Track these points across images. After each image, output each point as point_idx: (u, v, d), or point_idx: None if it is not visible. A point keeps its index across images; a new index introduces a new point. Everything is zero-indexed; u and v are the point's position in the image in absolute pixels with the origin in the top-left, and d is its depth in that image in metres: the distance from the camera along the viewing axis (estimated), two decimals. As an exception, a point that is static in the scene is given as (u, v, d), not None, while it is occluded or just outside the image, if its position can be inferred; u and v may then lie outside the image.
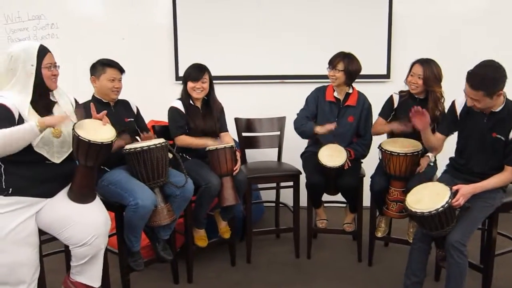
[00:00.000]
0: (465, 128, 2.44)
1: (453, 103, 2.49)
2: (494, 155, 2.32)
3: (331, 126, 2.86)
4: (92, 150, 2.02)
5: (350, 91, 3.05)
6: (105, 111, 2.19)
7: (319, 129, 2.90)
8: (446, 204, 2.17)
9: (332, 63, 2.95)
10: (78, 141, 2.01)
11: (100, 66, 2.58)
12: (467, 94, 2.24)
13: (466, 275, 2.26)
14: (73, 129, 2.02)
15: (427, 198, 2.26)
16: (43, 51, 2.04)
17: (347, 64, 2.92)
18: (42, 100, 2.07)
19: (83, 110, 2.20)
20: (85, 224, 2.07)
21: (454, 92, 2.51)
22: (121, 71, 2.62)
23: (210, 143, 2.79)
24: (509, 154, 2.26)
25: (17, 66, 1.99)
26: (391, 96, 2.98)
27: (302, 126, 2.99)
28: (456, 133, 2.54)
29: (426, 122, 2.46)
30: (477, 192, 2.26)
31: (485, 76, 2.16)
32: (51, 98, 2.13)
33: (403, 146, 2.73)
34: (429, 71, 2.74)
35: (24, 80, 1.99)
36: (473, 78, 2.19)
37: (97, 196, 2.22)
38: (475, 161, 2.38)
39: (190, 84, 2.86)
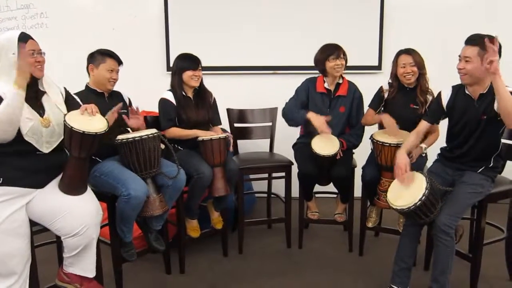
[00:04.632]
0: (454, 118, 2.46)
1: (439, 94, 2.53)
2: (489, 136, 2.33)
3: (325, 119, 2.88)
4: (85, 141, 2.01)
5: (341, 81, 3.06)
6: (92, 104, 2.17)
7: (312, 116, 2.90)
8: (423, 197, 2.21)
9: (335, 53, 2.95)
10: (71, 133, 1.99)
11: (100, 56, 2.57)
12: (461, 56, 2.28)
13: (453, 258, 2.31)
14: (65, 120, 2.00)
15: (406, 192, 2.30)
16: (23, 39, 2.01)
17: (344, 52, 2.98)
18: (31, 89, 2.03)
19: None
20: (76, 214, 2.06)
21: (446, 84, 2.53)
22: (120, 62, 2.62)
23: (200, 133, 2.80)
24: None
25: (1, 56, 1.97)
26: (381, 88, 3.00)
27: (293, 113, 3.00)
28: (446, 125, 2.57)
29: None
30: (497, 81, 2.13)
31: (482, 36, 2.23)
32: (40, 88, 2.10)
33: (394, 136, 2.75)
34: (418, 56, 2.80)
35: (8, 70, 1.96)
36: (470, 36, 2.28)
37: (88, 187, 2.21)
38: (469, 147, 2.40)
39: (189, 73, 2.85)
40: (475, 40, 2.23)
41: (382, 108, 2.98)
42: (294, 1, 3.99)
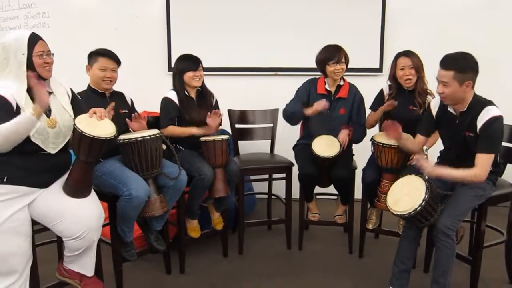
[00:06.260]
0: (442, 129, 2.49)
1: (428, 105, 2.54)
2: (471, 151, 2.31)
3: (321, 105, 2.87)
4: (95, 146, 2.02)
5: (341, 83, 3.07)
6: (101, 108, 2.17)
7: (308, 111, 2.91)
8: (423, 202, 2.22)
9: (336, 58, 2.93)
10: (80, 137, 1.99)
11: (94, 55, 2.57)
12: (438, 78, 2.28)
13: (454, 261, 2.31)
14: (75, 124, 2.01)
15: (406, 196, 2.31)
16: (33, 39, 2.01)
17: (346, 54, 2.97)
18: None
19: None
20: (78, 218, 2.06)
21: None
22: (116, 61, 2.60)
23: (194, 131, 2.81)
24: (479, 144, 2.24)
25: (9, 55, 1.97)
26: (381, 90, 3.02)
27: (291, 108, 3.00)
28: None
29: (398, 132, 2.53)
30: (443, 177, 2.28)
31: (455, 57, 2.23)
32: (47, 88, 2.10)
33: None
34: (416, 59, 2.81)
35: (16, 69, 1.97)
36: (444, 59, 2.26)
37: (92, 190, 2.21)
38: (457, 161, 2.38)
39: (190, 74, 2.86)
40: (449, 64, 2.21)
41: None
42: (295, 2, 4.00)
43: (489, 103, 2.27)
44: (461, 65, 2.20)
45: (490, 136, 2.21)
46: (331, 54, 2.95)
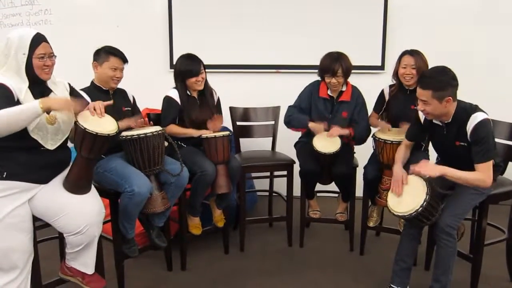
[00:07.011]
0: (431, 139, 2.50)
1: (416, 112, 2.51)
2: (466, 160, 2.30)
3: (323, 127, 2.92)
4: (98, 143, 2.02)
5: (344, 88, 3.05)
6: (103, 102, 2.16)
7: (312, 125, 2.94)
8: (425, 203, 2.21)
9: (331, 71, 2.89)
10: (83, 134, 1.99)
11: (105, 54, 2.57)
12: (418, 96, 2.27)
13: (455, 260, 2.31)
14: (77, 121, 2.01)
15: (407, 197, 2.30)
16: (37, 40, 1.99)
17: (343, 66, 2.90)
18: (38, 87, 2.04)
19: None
20: (78, 213, 2.07)
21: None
22: (124, 61, 2.61)
23: (194, 133, 2.82)
24: (475, 154, 2.24)
25: (10, 52, 1.96)
26: (382, 91, 3.02)
27: (295, 114, 3.01)
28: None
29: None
30: (445, 176, 2.23)
31: (432, 75, 2.22)
32: (47, 85, 2.11)
33: (396, 134, 2.76)
34: (420, 60, 2.79)
35: (15, 67, 1.96)
36: (422, 78, 2.27)
37: (92, 185, 2.21)
38: (458, 166, 2.34)
39: (192, 80, 2.85)
40: (426, 83, 2.21)
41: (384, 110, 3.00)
42: (297, 0, 3.99)
43: (475, 109, 2.25)
44: (438, 83, 2.18)
45: (481, 142, 2.19)
46: (327, 67, 2.91)
